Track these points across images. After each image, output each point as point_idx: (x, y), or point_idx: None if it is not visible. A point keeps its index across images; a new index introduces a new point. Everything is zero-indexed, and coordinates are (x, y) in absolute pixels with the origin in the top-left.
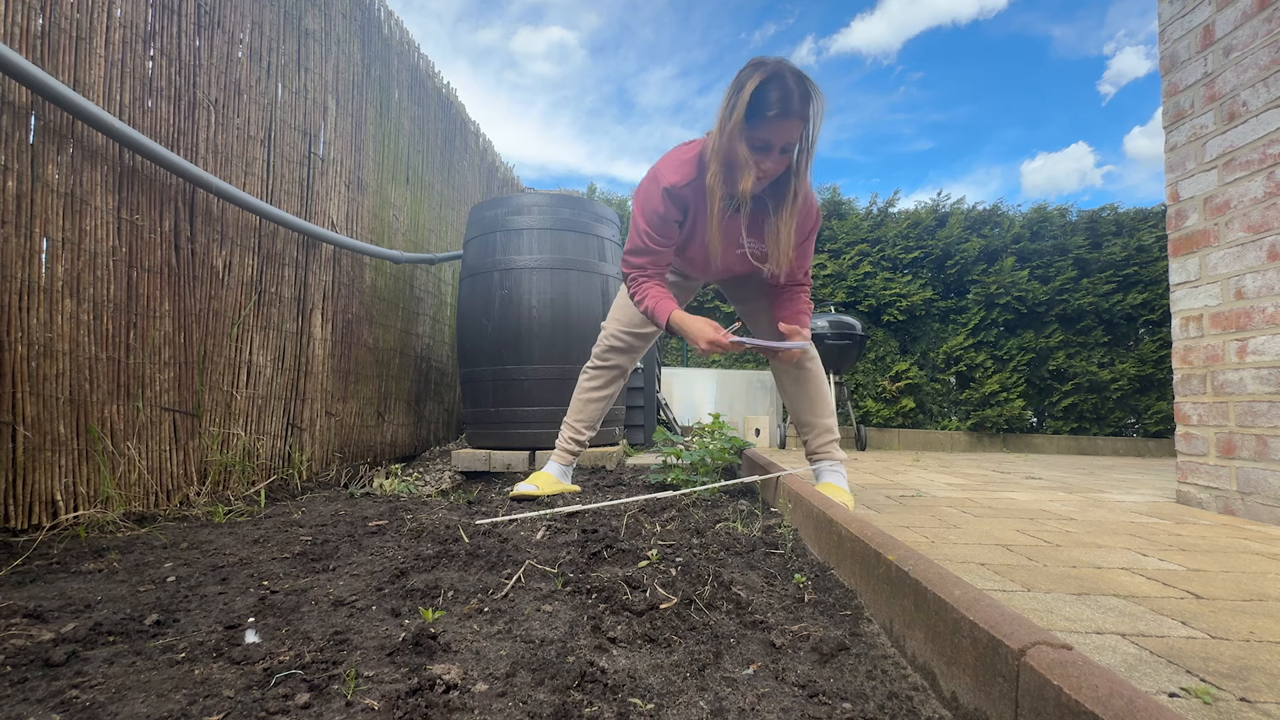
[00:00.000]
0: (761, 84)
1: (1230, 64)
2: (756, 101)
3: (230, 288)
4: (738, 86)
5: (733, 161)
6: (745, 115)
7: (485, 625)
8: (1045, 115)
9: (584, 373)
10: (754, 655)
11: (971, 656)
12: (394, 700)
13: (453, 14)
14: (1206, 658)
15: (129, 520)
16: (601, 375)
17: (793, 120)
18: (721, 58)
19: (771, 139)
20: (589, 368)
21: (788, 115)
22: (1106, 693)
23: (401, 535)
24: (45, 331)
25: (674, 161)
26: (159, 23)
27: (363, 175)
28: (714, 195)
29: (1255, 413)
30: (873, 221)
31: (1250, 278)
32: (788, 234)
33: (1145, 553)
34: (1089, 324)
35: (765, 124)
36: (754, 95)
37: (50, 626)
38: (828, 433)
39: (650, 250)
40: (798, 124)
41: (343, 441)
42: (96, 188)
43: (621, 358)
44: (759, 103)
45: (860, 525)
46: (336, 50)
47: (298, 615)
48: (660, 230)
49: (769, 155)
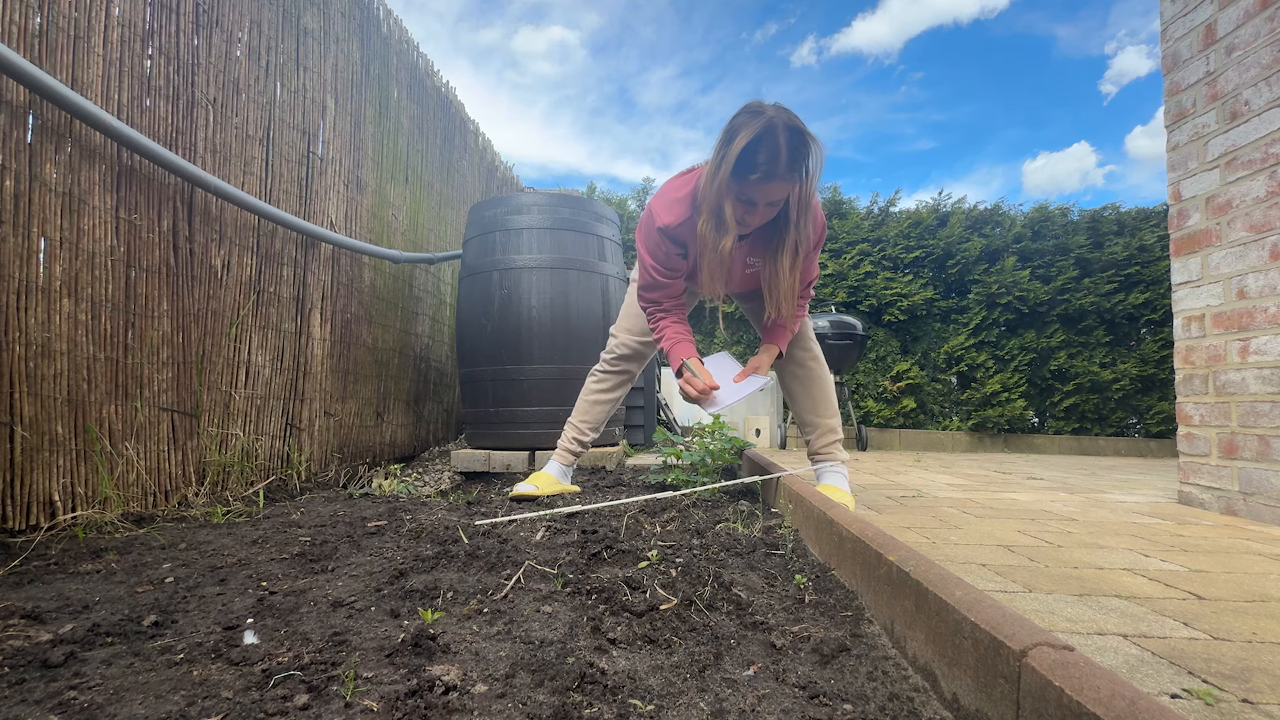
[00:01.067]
0: (751, 143)
1: (1232, 63)
2: (743, 161)
3: (229, 287)
4: (729, 137)
5: (722, 219)
6: (732, 172)
7: (485, 626)
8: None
9: (592, 375)
10: (754, 656)
11: (973, 657)
12: (393, 701)
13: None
14: (1208, 659)
15: (127, 521)
16: (610, 379)
17: (778, 183)
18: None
19: (756, 198)
20: (598, 370)
21: (773, 179)
22: (1108, 694)
23: (401, 536)
24: (43, 331)
25: (668, 200)
26: (157, 21)
27: (361, 174)
28: (706, 242)
29: (1257, 413)
30: (873, 221)
31: (1252, 277)
32: (788, 279)
33: (1147, 553)
34: (1091, 324)
35: (750, 185)
36: (742, 153)
37: (48, 627)
38: (830, 433)
39: (660, 284)
40: (785, 186)
41: (342, 442)
42: (95, 187)
43: (631, 364)
44: (745, 163)
45: (861, 526)
46: (335, 49)
47: (296, 616)
48: (666, 264)
49: (754, 211)
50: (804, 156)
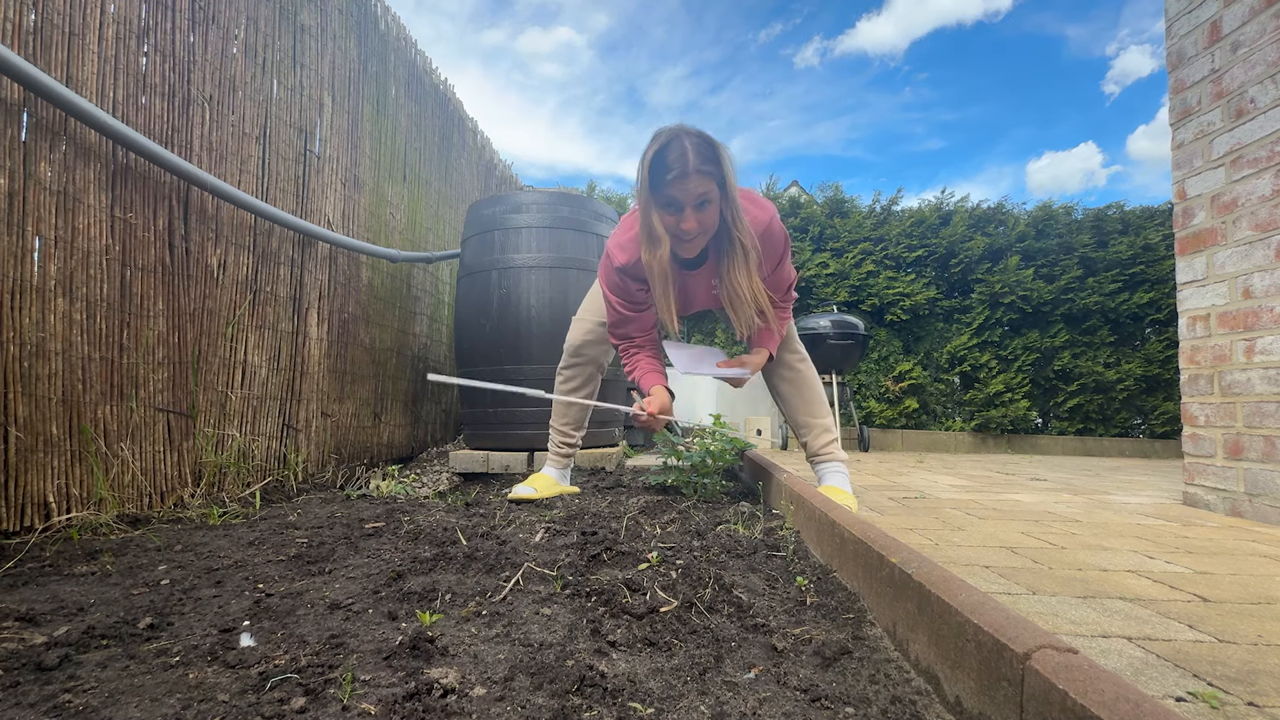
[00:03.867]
0: (659, 150)
1: (1238, 60)
2: (656, 167)
3: (225, 287)
4: (642, 158)
5: (653, 233)
6: (649, 183)
7: (483, 628)
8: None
9: (559, 373)
10: (755, 659)
11: (976, 660)
12: (391, 704)
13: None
14: (1214, 661)
15: (122, 522)
16: (577, 374)
17: (693, 177)
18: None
19: (678, 196)
20: (562, 368)
21: (686, 174)
22: (1113, 697)
23: (398, 537)
24: (38, 331)
25: (620, 241)
26: (153, 18)
27: (359, 173)
28: (653, 273)
29: (1263, 413)
30: (875, 220)
31: (1258, 276)
32: (747, 285)
33: (1152, 555)
34: (1095, 323)
35: (668, 186)
36: (654, 161)
37: (43, 630)
38: (826, 433)
39: (629, 319)
40: (702, 179)
41: (339, 442)
42: (90, 185)
43: (594, 349)
44: (659, 167)
45: (863, 527)
46: (333, 46)
47: (293, 618)
48: (629, 299)
49: (682, 215)
50: (713, 152)
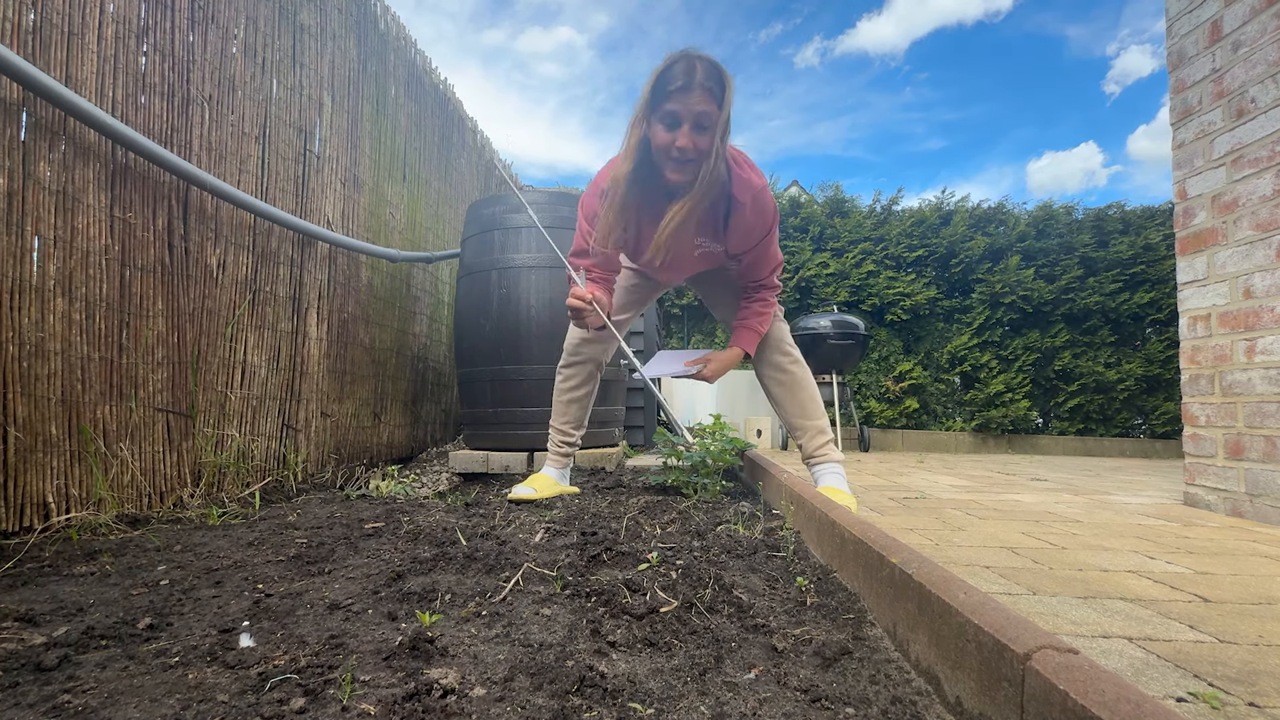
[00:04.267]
0: (668, 66)
1: (1239, 60)
2: (661, 79)
3: (224, 287)
4: (647, 81)
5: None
6: (650, 98)
7: (483, 629)
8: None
9: (559, 373)
10: (755, 659)
11: (976, 661)
12: (391, 705)
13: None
14: (1215, 662)
15: (122, 522)
16: (576, 373)
17: (697, 91)
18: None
19: (679, 111)
20: (562, 367)
21: (691, 87)
22: (1114, 697)
23: (398, 537)
24: (37, 331)
25: (607, 171)
26: (152, 18)
27: (359, 172)
28: (611, 196)
29: (1264, 413)
30: (876, 220)
31: (1259, 276)
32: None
33: (1152, 555)
34: (1095, 323)
35: (670, 97)
36: (660, 75)
37: (42, 630)
38: (821, 434)
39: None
40: (705, 96)
41: (339, 443)
42: (89, 185)
43: (592, 348)
44: (664, 79)
45: (863, 527)
46: (332, 45)
47: (293, 619)
48: None
49: (679, 130)
50: (719, 75)
